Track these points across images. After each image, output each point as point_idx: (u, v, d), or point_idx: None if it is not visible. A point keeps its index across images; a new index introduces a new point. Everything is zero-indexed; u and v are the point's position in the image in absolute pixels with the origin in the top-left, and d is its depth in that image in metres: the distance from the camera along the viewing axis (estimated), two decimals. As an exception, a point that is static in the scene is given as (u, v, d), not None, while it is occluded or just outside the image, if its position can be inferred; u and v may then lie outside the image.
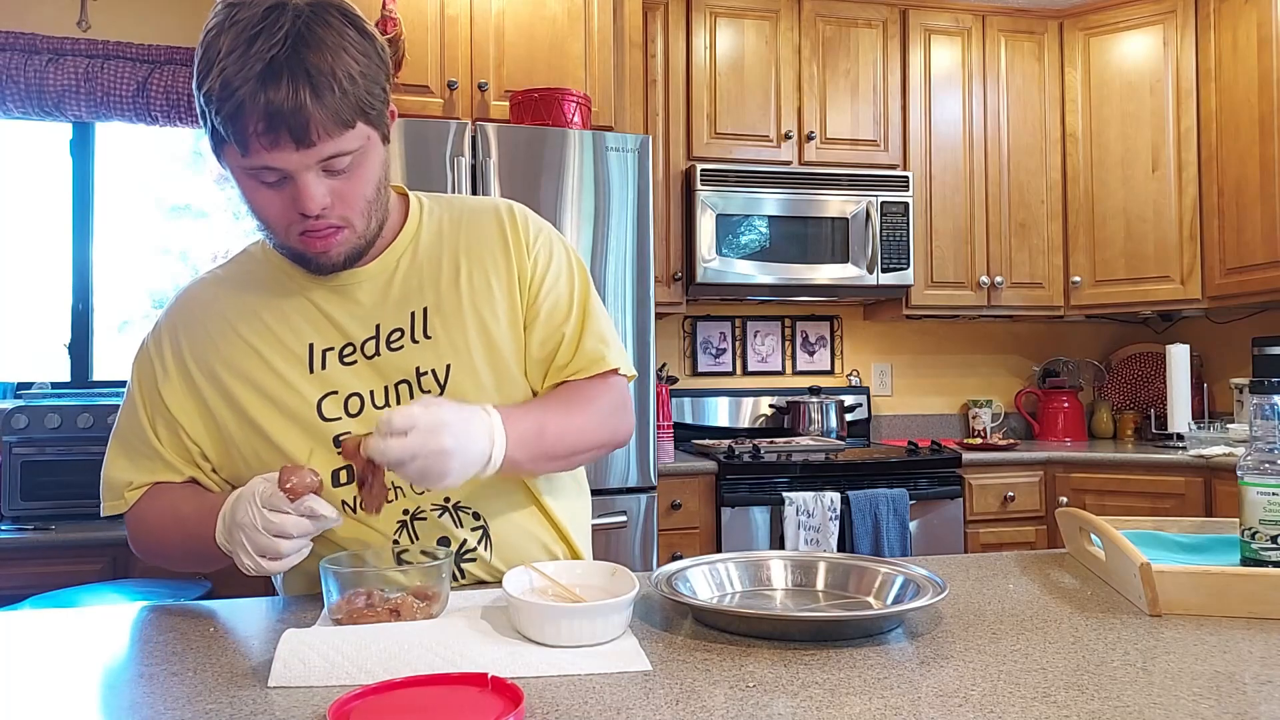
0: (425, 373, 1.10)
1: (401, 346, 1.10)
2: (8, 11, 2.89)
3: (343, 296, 1.10)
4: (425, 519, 1.12)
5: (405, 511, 1.11)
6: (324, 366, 1.09)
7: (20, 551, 2.28)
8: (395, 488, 1.09)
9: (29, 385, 2.84)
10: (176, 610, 1.06)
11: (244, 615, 1.04)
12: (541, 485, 1.18)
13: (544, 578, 0.96)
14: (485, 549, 1.13)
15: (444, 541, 1.12)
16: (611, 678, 0.79)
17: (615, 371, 1.18)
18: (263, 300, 1.11)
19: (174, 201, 3.24)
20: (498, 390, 1.13)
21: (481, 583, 1.14)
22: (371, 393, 1.09)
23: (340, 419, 1.08)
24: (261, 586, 1.33)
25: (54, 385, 2.91)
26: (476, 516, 1.13)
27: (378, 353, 1.10)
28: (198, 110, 0.96)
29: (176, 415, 1.10)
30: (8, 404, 2.56)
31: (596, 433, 1.15)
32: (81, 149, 3.05)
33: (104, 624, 1.01)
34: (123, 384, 2.93)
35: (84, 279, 3.03)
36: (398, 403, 1.09)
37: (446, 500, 1.12)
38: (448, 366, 1.10)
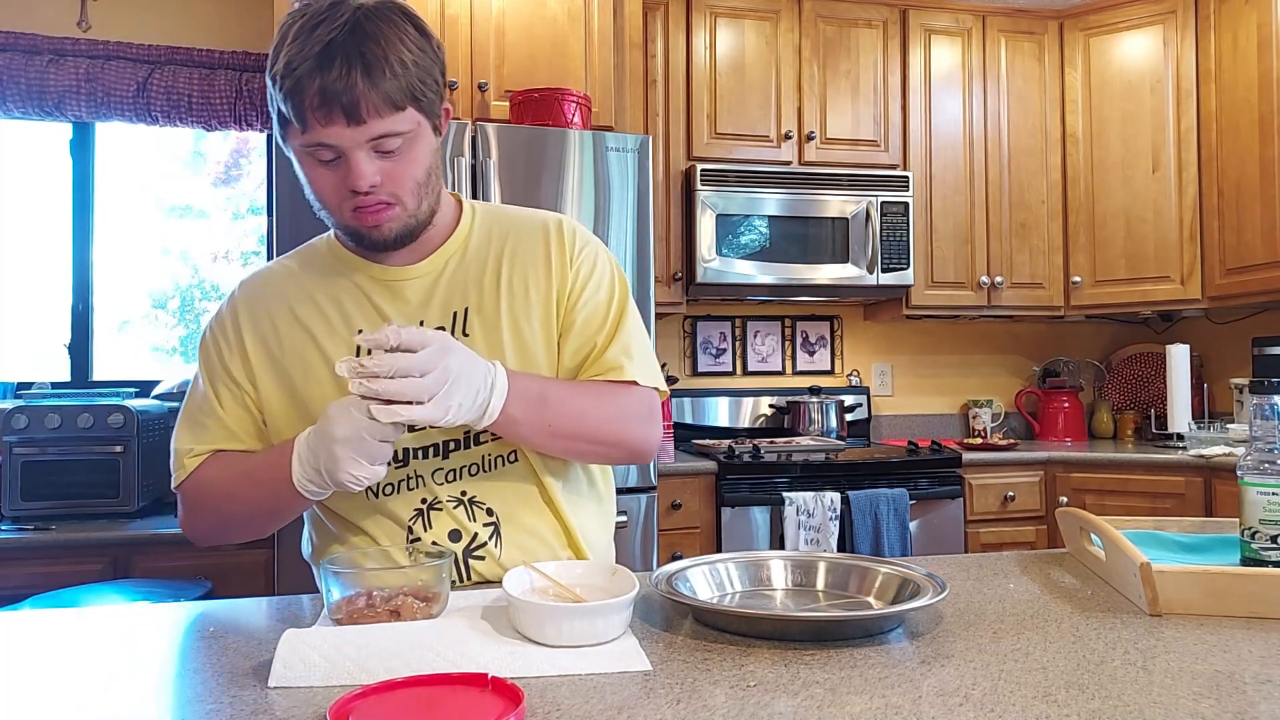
0: None
1: None
2: (8, 11, 2.89)
3: (393, 293, 1.16)
4: (441, 509, 1.14)
5: (423, 500, 1.14)
6: (369, 353, 1.11)
7: (20, 551, 2.28)
8: (417, 476, 1.14)
9: (29, 385, 2.84)
10: (176, 610, 1.06)
11: (244, 615, 1.04)
12: (558, 491, 1.18)
13: (544, 578, 0.96)
14: (495, 545, 1.15)
15: (455, 535, 1.14)
16: (612, 678, 0.79)
17: (635, 384, 1.17)
18: (320, 287, 1.17)
19: (174, 201, 3.25)
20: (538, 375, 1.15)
21: (482, 583, 1.14)
22: None
23: None
24: (261, 586, 1.33)
25: (54, 385, 2.91)
26: (490, 512, 1.15)
27: None
28: (267, 96, 1.04)
29: (240, 381, 1.16)
30: (8, 404, 2.56)
31: (607, 425, 1.14)
32: (81, 149, 3.05)
33: (104, 624, 1.01)
34: (123, 384, 2.95)
35: (84, 279, 3.03)
36: None
37: (463, 494, 1.15)
38: None
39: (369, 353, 0.96)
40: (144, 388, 2.91)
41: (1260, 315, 3.41)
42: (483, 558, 1.14)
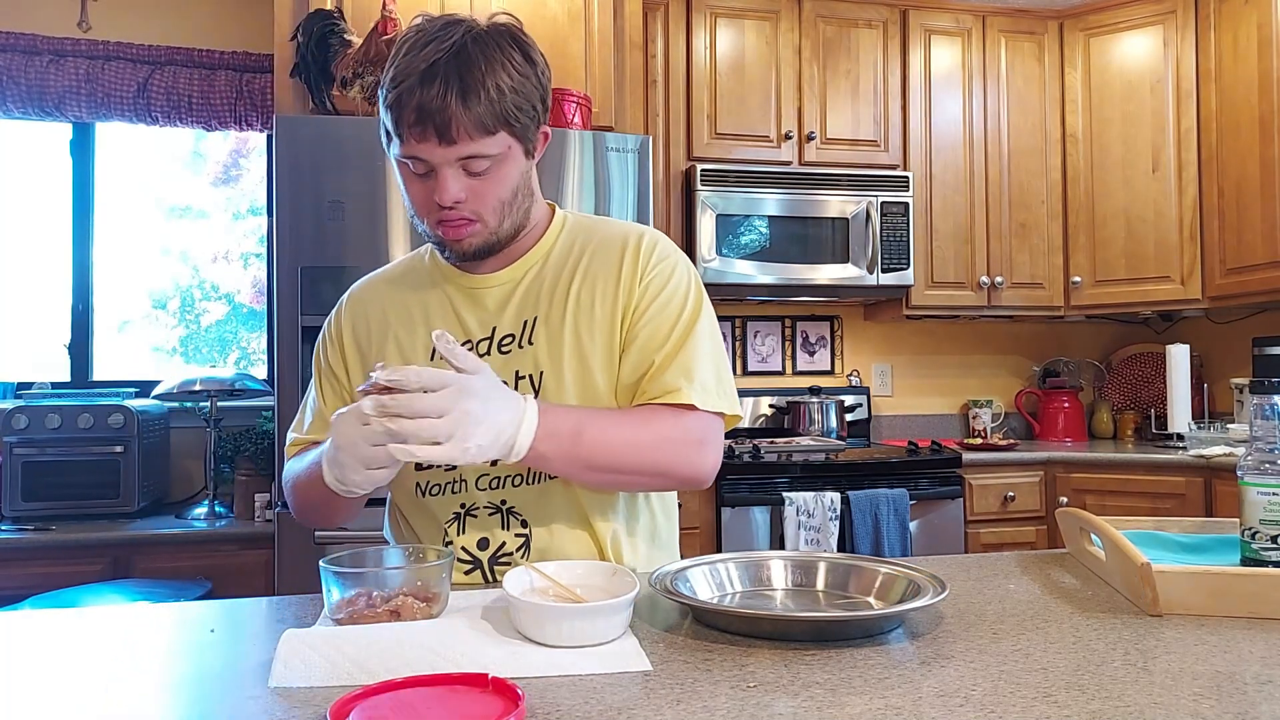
0: (523, 377, 1.15)
1: (509, 351, 1.17)
2: (8, 12, 2.89)
3: (474, 300, 1.20)
4: (477, 515, 1.16)
5: (462, 505, 1.17)
6: (442, 358, 1.13)
7: (20, 551, 2.28)
8: (461, 480, 1.16)
9: (29, 385, 2.84)
10: (176, 610, 1.06)
11: (244, 615, 1.04)
12: (597, 514, 1.17)
13: (544, 578, 0.96)
14: (523, 557, 1.15)
15: (484, 543, 1.16)
16: (612, 678, 0.79)
17: (694, 408, 1.12)
18: (413, 295, 1.24)
19: (174, 201, 3.25)
20: (580, 404, 1.14)
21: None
22: None
23: None
24: (261, 587, 1.33)
25: (54, 385, 2.91)
26: (524, 524, 1.16)
27: (489, 353, 1.17)
28: (378, 104, 1.09)
29: (339, 375, 1.24)
30: (8, 404, 2.56)
31: (650, 454, 1.10)
32: (81, 149, 3.05)
33: (104, 624, 1.01)
34: (122, 384, 2.95)
35: (84, 279, 3.04)
36: None
37: (503, 502, 1.16)
38: (541, 374, 1.15)
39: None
40: (144, 388, 2.91)
41: (1260, 315, 3.41)
42: (508, 564, 1.15)
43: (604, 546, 1.18)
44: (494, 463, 1.10)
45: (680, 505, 2.75)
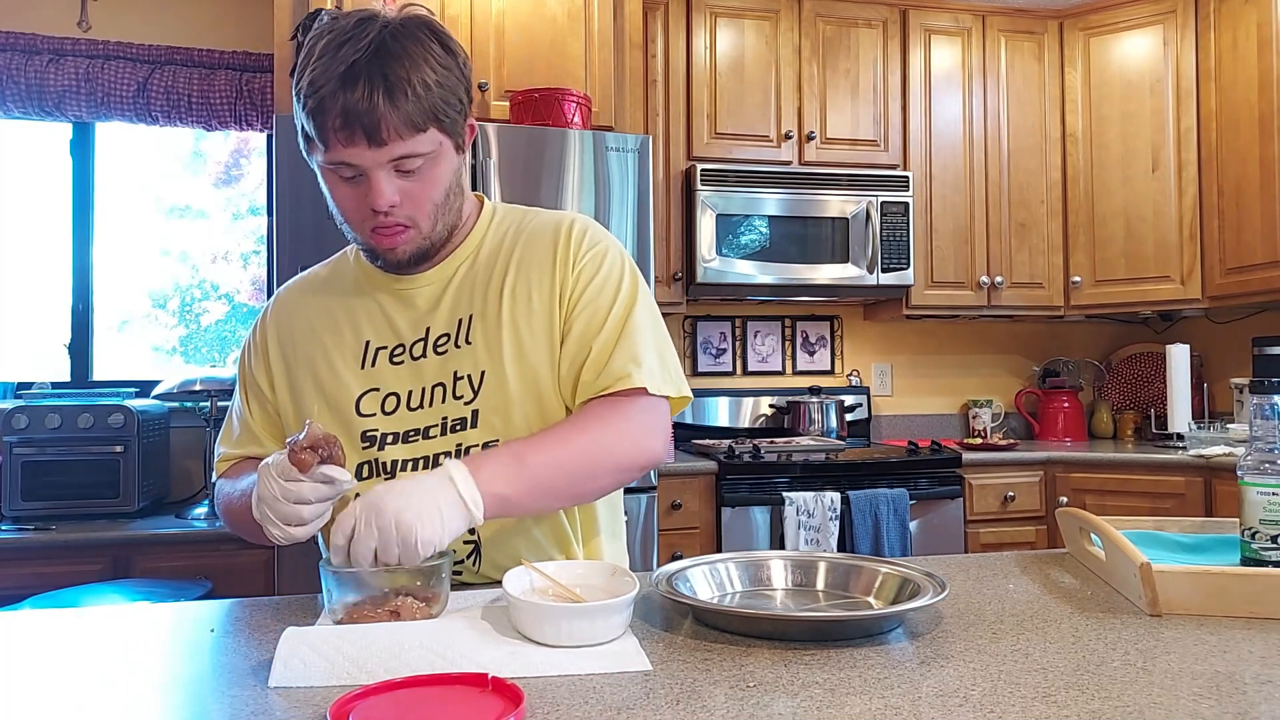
0: (461, 377, 1.13)
1: (445, 351, 1.14)
2: (8, 11, 2.89)
3: (403, 301, 1.17)
4: None
5: None
6: (374, 364, 1.15)
7: (20, 551, 2.28)
8: None
9: (29, 385, 2.84)
10: (176, 610, 1.06)
11: (244, 615, 1.04)
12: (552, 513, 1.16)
13: (544, 578, 0.96)
14: (474, 564, 1.14)
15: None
16: (612, 678, 0.79)
17: (645, 391, 1.10)
18: (340, 299, 1.20)
19: (174, 201, 3.25)
20: (525, 402, 1.12)
21: (497, 582, 1.14)
22: (410, 393, 1.13)
23: (375, 415, 1.13)
24: (261, 586, 1.33)
25: (54, 385, 2.91)
26: (472, 531, 1.13)
27: (424, 355, 1.14)
28: (293, 111, 1.05)
29: (263, 388, 1.20)
30: (8, 404, 2.56)
31: (606, 456, 1.08)
32: (81, 149, 3.05)
33: (104, 624, 1.01)
34: (122, 384, 2.95)
35: (84, 279, 3.03)
36: (431, 404, 1.13)
37: None
38: (482, 373, 1.12)
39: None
40: (144, 388, 2.91)
41: (1260, 315, 3.41)
42: (460, 573, 1.14)
43: (555, 546, 1.17)
44: (438, 464, 1.06)
45: (680, 506, 2.76)
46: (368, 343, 1.16)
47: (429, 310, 1.15)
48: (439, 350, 1.14)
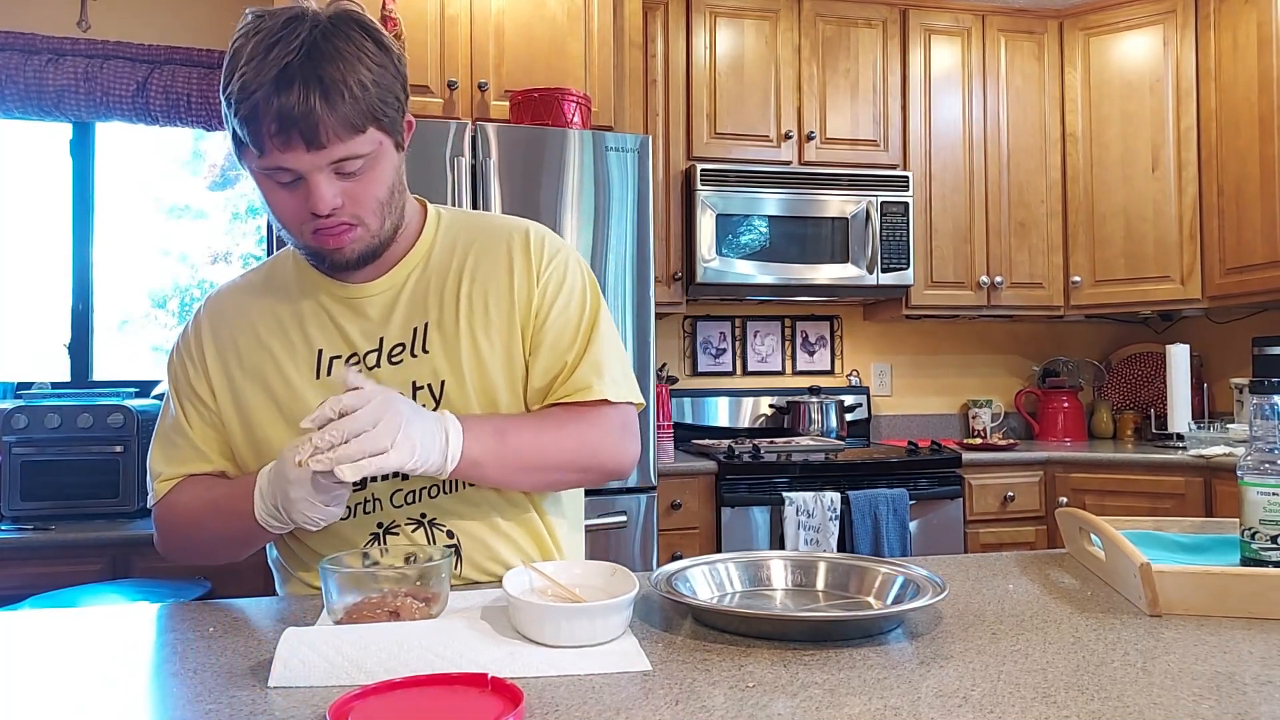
0: (421, 387, 1.11)
1: (401, 360, 1.12)
2: (7, 11, 2.88)
3: (353, 310, 1.14)
4: (398, 532, 1.12)
5: (379, 525, 1.12)
6: (329, 373, 1.12)
7: (20, 551, 2.28)
8: (374, 499, 1.11)
9: (29, 385, 2.84)
10: (176, 610, 1.06)
11: (244, 615, 1.04)
12: (513, 507, 1.16)
13: (544, 578, 0.96)
14: (455, 567, 1.14)
15: (411, 559, 1.10)
16: (611, 678, 0.79)
17: (607, 402, 1.14)
18: (284, 304, 1.15)
19: (174, 201, 3.24)
20: (484, 410, 1.12)
21: (478, 583, 1.14)
22: None
23: None
24: (261, 586, 1.33)
25: (54, 385, 2.91)
26: (450, 534, 1.13)
27: (379, 364, 1.12)
28: (222, 114, 1.00)
29: (205, 400, 1.15)
30: (8, 404, 2.56)
31: (574, 451, 1.11)
32: (81, 149, 3.05)
33: (104, 624, 1.01)
34: (122, 384, 2.95)
35: (84, 279, 3.03)
36: None
37: (422, 515, 1.12)
38: (442, 383, 1.11)
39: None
40: (144, 388, 2.91)
41: (1260, 315, 3.41)
42: None
43: (533, 545, 1.17)
44: (404, 476, 1.09)
45: (680, 506, 2.76)
46: (320, 351, 1.13)
47: (382, 320, 1.13)
48: (394, 360, 1.12)
